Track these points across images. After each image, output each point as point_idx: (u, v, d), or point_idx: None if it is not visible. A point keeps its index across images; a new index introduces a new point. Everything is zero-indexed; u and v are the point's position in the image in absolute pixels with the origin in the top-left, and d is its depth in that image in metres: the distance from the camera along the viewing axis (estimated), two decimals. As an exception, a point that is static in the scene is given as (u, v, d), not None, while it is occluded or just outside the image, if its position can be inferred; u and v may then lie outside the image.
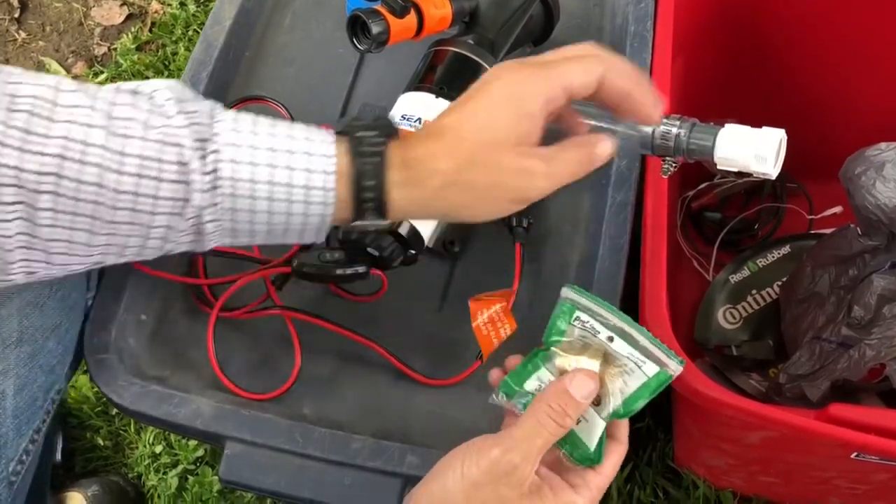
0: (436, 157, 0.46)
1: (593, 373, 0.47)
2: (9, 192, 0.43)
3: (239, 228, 0.47)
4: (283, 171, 0.46)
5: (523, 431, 0.45)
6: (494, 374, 0.51)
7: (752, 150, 0.57)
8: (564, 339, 0.49)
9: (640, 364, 0.46)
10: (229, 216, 0.47)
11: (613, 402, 0.47)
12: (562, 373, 0.48)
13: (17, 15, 1.28)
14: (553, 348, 0.49)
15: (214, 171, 0.45)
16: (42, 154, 0.43)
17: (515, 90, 0.46)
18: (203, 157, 0.45)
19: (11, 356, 0.59)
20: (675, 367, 0.46)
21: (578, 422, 0.47)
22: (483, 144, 0.46)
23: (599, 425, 0.47)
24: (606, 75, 0.47)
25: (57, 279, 0.60)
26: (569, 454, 0.47)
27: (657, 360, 0.46)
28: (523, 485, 0.44)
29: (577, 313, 0.48)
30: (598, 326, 0.48)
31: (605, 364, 0.47)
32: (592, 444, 0.46)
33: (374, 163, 0.46)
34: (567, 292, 0.49)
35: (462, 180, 0.46)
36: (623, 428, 0.49)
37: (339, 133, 0.48)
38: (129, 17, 1.27)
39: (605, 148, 0.48)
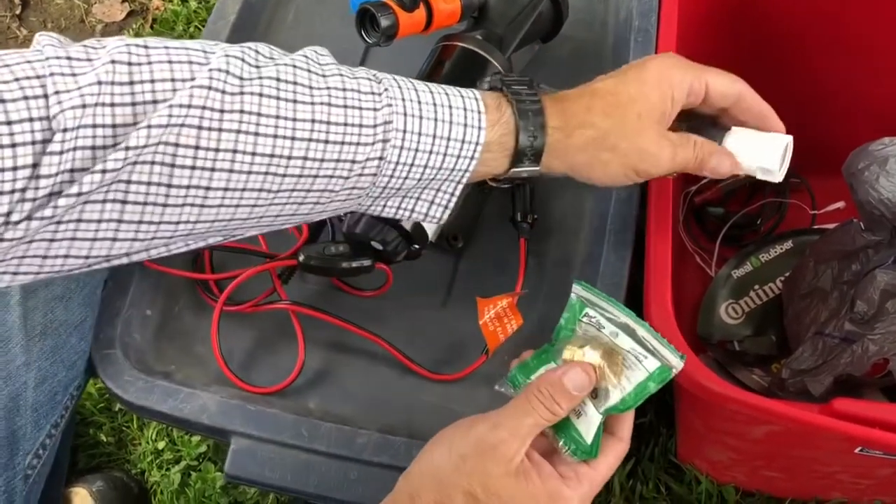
0: (592, 112, 0.51)
1: (590, 367, 0.47)
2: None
3: (391, 185, 0.49)
4: (444, 124, 0.48)
5: (513, 410, 0.46)
6: (514, 365, 0.51)
7: (757, 155, 0.57)
8: (573, 335, 0.49)
9: (641, 359, 0.46)
10: (390, 171, 0.48)
11: (613, 397, 0.47)
12: (566, 363, 0.48)
13: (18, 12, 1.28)
14: (560, 344, 0.49)
15: (387, 122, 0.47)
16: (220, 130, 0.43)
17: (668, 74, 0.52)
18: (375, 111, 0.47)
19: (35, 348, 0.59)
20: (676, 363, 0.46)
21: (579, 415, 0.47)
22: (633, 112, 0.51)
23: (596, 419, 0.47)
24: (746, 93, 0.54)
25: (83, 275, 0.61)
26: (566, 447, 0.47)
27: (659, 356, 0.46)
28: (510, 462, 0.45)
29: (586, 309, 0.49)
30: (603, 321, 0.48)
31: (608, 358, 0.47)
32: (589, 438, 0.46)
33: (535, 110, 0.50)
34: (578, 290, 0.50)
35: (609, 139, 0.51)
36: (626, 425, 0.49)
37: (491, 89, 0.52)
38: (131, 13, 1.27)
39: (719, 162, 0.54)
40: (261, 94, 0.44)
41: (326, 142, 0.45)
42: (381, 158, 0.47)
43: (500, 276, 0.66)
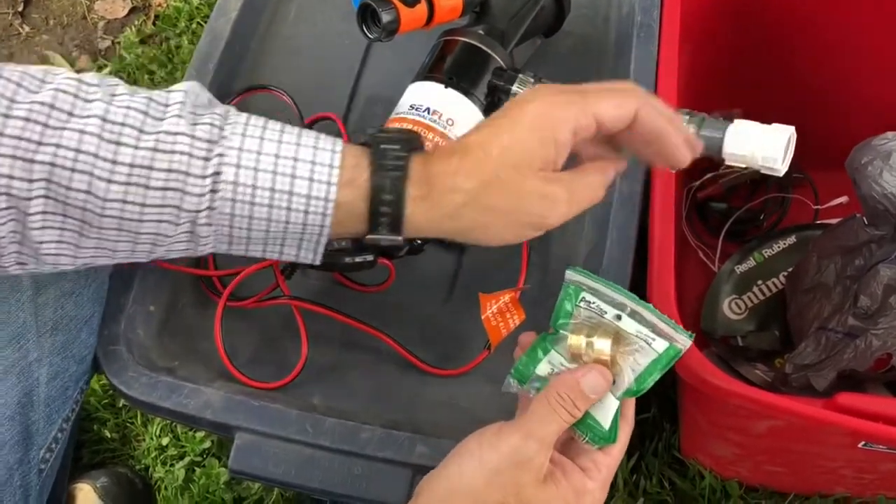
0: (458, 174, 0.46)
1: (605, 369, 0.47)
2: (1, 200, 0.44)
3: (235, 235, 0.47)
4: (286, 178, 0.46)
5: (538, 417, 0.46)
6: (517, 356, 0.51)
7: (760, 147, 0.57)
8: (572, 321, 0.49)
9: (649, 341, 0.46)
10: (227, 221, 0.46)
11: (626, 381, 0.47)
12: (574, 354, 0.48)
13: (20, 9, 1.28)
14: (562, 331, 0.49)
15: (216, 174, 0.45)
16: (33, 161, 0.44)
17: (547, 115, 0.46)
18: (206, 160, 0.45)
19: (46, 344, 0.60)
20: (684, 341, 0.46)
21: (594, 404, 0.48)
22: (507, 165, 0.46)
23: (613, 405, 0.47)
24: (640, 112, 0.47)
25: (92, 271, 0.61)
26: (583, 435, 0.47)
27: (666, 336, 0.46)
28: (540, 471, 0.45)
29: (583, 294, 0.48)
30: (604, 306, 0.47)
31: (616, 343, 0.47)
32: (607, 424, 0.47)
33: (393, 177, 0.46)
34: (571, 275, 0.49)
35: (483, 201, 0.46)
36: (631, 406, 0.49)
37: (362, 144, 0.48)
38: (133, 10, 1.27)
39: (618, 169, 0.49)
40: (82, 132, 0.44)
41: (147, 187, 0.45)
42: (209, 209, 0.46)
43: (503, 272, 0.66)
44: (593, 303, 0.48)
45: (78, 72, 0.47)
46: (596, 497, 0.46)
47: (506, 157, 0.46)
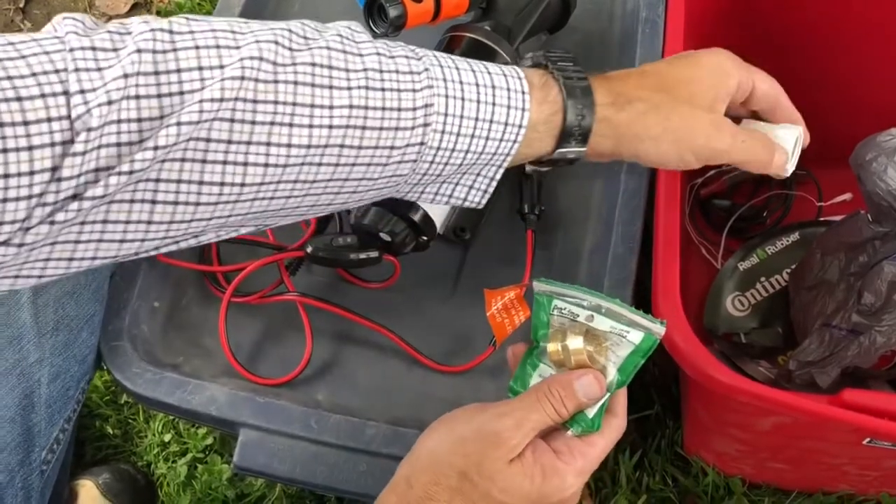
0: (642, 87, 0.49)
1: (601, 377, 0.47)
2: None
3: (430, 171, 0.47)
4: (488, 106, 0.46)
5: (520, 403, 0.45)
6: (510, 353, 0.51)
7: None
8: (549, 330, 0.49)
9: (624, 334, 0.47)
10: (431, 156, 0.46)
11: (610, 374, 0.47)
12: (556, 361, 0.48)
13: (21, 5, 1.28)
14: (541, 343, 0.50)
15: (427, 105, 0.44)
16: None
17: (722, 64, 0.51)
18: (415, 92, 0.44)
19: (47, 345, 0.59)
20: (658, 329, 0.47)
21: None
22: (687, 92, 0.50)
23: (600, 399, 0.47)
24: (783, 99, 0.55)
25: (92, 270, 0.60)
26: (566, 425, 0.47)
27: (640, 326, 0.47)
28: (511, 451, 0.44)
29: (555, 302, 0.49)
30: (575, 310, 0.48)
31: (592, 342, 0.47)
32: (591, 414, 0.47)
33: (583, 86, 0.48)
34: (539, 285, 0.49)
35: (663, 110, 0.49)
36: (620, 401, 0.48)
37: (535, 65, 0.50)
38: (135, 6, 1.27)
39: (781, 158, 0.53)
40: (295, 83, 0.41)
41: (364, 128, 0.43)
42: (421, 143, 0.45)
43: (508, 268, 0.66)
44: (564, 309, 0.48)
45: None
46: (567, 482, 0.44)
47: (685, 85, 0.50)
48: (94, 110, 0.37)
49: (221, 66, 0.40)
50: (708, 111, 0.50)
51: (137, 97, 0.38)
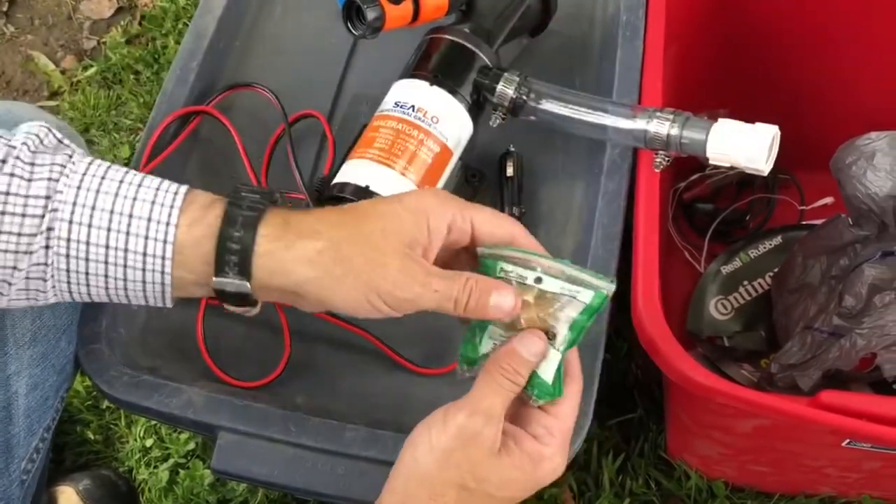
0: (322, 221, 0.45)
1: (540, 332, 0.47)
2: None
3: (74, 291, 0.47)
4: (121, 235, 0.45)
5: (482, 393, 0.45)
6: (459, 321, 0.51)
7: (744, 147, 0.57)
8: None
9: (574, 294, 0.47)
10: (64, 277, 0.46)
11: (562, 334, 0.47)
12: (506, 324, 0.48)
13: (5, 9, 1.27)
14: None
15: (49, 229, 0.45)
16: None
17: (425, 201, 0.46)
18: (41, 217, 0.45)
19: (25, 356, 0.59)
20: (607, 286, 0.46)
21: None
22: (378, 227, 0.45)
23: (555, 358, 0.47)
24: (519, 237, 0.48)
25: None
26: (529, 394, 0.47)
27: (590, 285, 0.46)
28: (493, 446, 0.44)
29: (500, 265, 0.48)
30: (523, 272, 0.47)
31: (542, 304, 0.47)
32: (550, 378, 0.47)
33: (247, 215, 0.45)
34: (483, 250, 0.48)
35: (343, 250, 0.44)
36: (574, 363, 0.48)
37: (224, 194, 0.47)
38: (119, 10, 1.26)
39: (500, 300, 0.46)
40: None
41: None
42: (45, 265, 0.46)
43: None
44: (511, 271, 0.47)
45: (63, 73, 0.48)
46: (555, 463, 0.46)
47: (377, 220, 0.45)
48: None
49: None
50: (398, 255, 0.45)
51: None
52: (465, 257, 0.49)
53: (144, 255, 0.45)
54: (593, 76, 0.74)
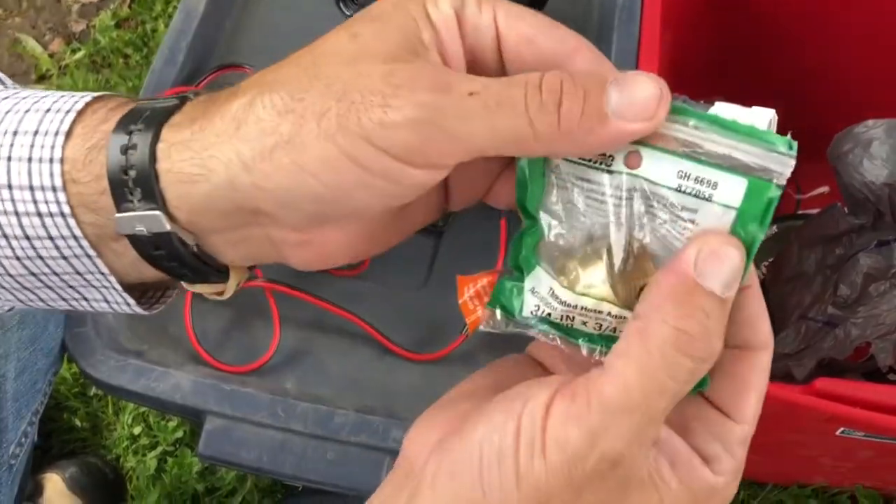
0: (254, 79, 0.29)
1: (729, 236, 0.25)
2: None
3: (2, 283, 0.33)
4: (1, 163, 0.30)
5: (633, 381, 0.24)
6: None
7: None
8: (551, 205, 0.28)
9: (703, 194, 0.25)
10: None
11: None
12: (568, 270, 0.27)
13: (-7, -11, 1.26)
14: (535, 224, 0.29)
15: None
16: None
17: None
18: None
19: (12, 339, 0.58)
20: (780, 162, 0.25)
21: None
22: (344, 47, 0.28)
23: None
24: (584, 49, 0.28)
25: None
26: None
27: (737, 166, 0.25)
28: (641, 477, 0.25)
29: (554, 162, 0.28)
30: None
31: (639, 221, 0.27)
32: None
33: (155, 109, 0.29)
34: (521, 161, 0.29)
35: (294, 95, 0.27)
36: (759, 323, 0.28)
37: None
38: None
39: (641, 89, 0.25)
40: None
41: None
42: None
43: (483, 256, 0.65)
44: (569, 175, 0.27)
45: (51, 56, 0.44)
46: (726, 496, 0.27)
47: (340, 37, 0.28)
48: None
49: None
50: (391, 61, 0.26)
51: None
52: None
53: (31, 188, 0.30)
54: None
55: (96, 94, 0.31)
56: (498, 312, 0.31)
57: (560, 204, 0.28)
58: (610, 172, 0.27)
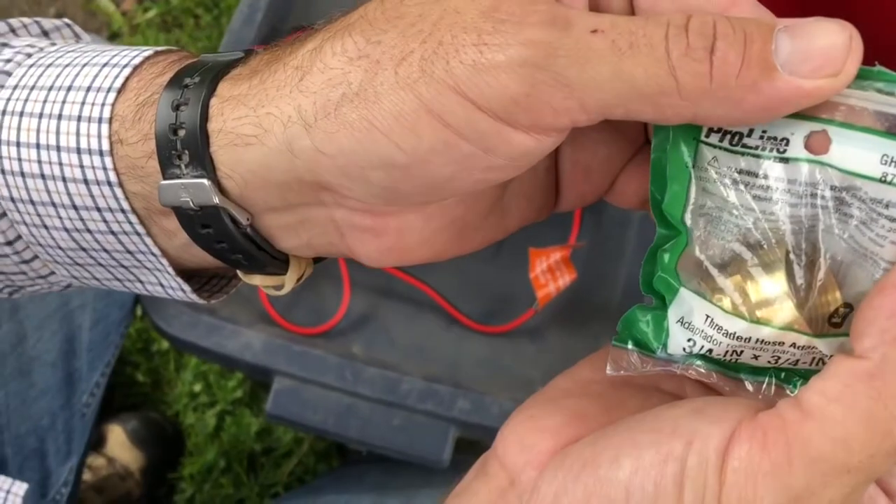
0: (338, 49, 0.23)
1: None
2: None
3: (47, 248, 0.29)
4: (52, 122, 0.27)
5: (850, 451, 0.19)
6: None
7: None
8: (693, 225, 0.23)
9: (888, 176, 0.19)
10: (19, 217, 0.28)
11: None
12: (737, 289, 0.22)
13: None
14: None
15: None
16: None
17: None
18: None
19: (90, 291, 0.59)
20: None
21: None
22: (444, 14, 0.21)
23: None
24: None
25: None
26: None
27: None
28: None
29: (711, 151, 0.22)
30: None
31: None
32: None
33: (213, 63, 0.26)
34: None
35: (371, 40, 0.22)
36: None
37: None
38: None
39: (823, 37, 0.20)
40: None
41: None
42: None
43: (555, 230, 0.64)
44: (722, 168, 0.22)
45: (123, 14, 0.42)
46: None
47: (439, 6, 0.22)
48: None
49: None
50: (483, 16, 0.21)
51: None
52: None
53: (78, 150, 0.26)
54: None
55: (161, 48, 0.28)
56: (632, 351, 0.24)
57: (713, 206, 0.22)
58: (785, 161, 0.20)
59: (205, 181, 0.24)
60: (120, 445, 0.90)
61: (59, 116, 0.27)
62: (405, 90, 0.21)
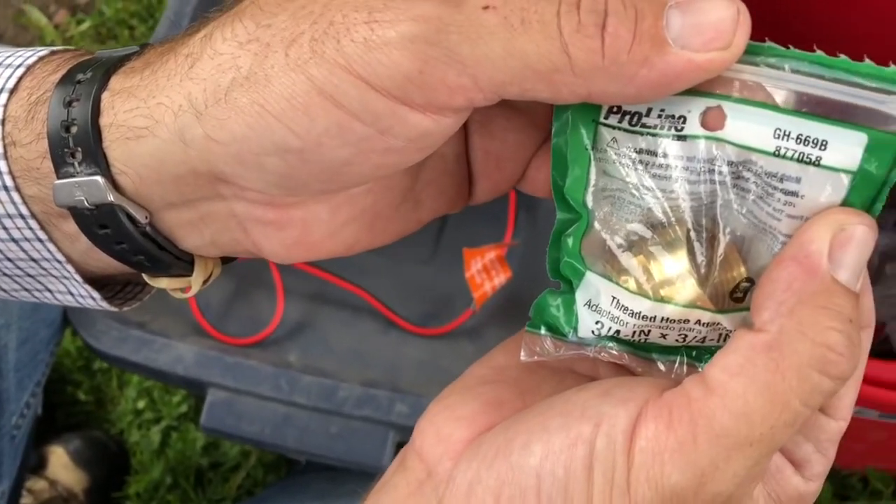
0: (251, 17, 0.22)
1: (858, 212, 0.20)
2: None
3: None
4: None
5: (751, 424, 0.19)
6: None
7: None
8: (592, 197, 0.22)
9: (811, 157, 0.20)
10: None
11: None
12: (640, 267, 0.22)
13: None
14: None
15: None
16: None
17: None
18: None
19: (14, 309, 0.57)
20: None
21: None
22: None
23: None
24: None
25: None
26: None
27: (858, 119, 0.19)
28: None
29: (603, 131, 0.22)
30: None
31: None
32: None
33: (106, 59, 0.25)
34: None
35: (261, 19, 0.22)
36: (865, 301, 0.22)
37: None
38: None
39: (711, 9, 0.20)
40: None
41: None
42: None
43: (491, 230, 0.64)
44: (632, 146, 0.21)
45: (56, 27, 0.41)
46: (812, 500, 0.24)
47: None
48: None
49: None
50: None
51: None
52: None
53: None
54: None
55: (57, 48, 0.27)
56: (545, 336, 0.23)
57: (614, 187, 0.22)
58: (682, 138, 0.20)
59: (98, 178, 0.23)
60: (62, 467, 0.87)
61: None
62: (296, 72, 0.20)
